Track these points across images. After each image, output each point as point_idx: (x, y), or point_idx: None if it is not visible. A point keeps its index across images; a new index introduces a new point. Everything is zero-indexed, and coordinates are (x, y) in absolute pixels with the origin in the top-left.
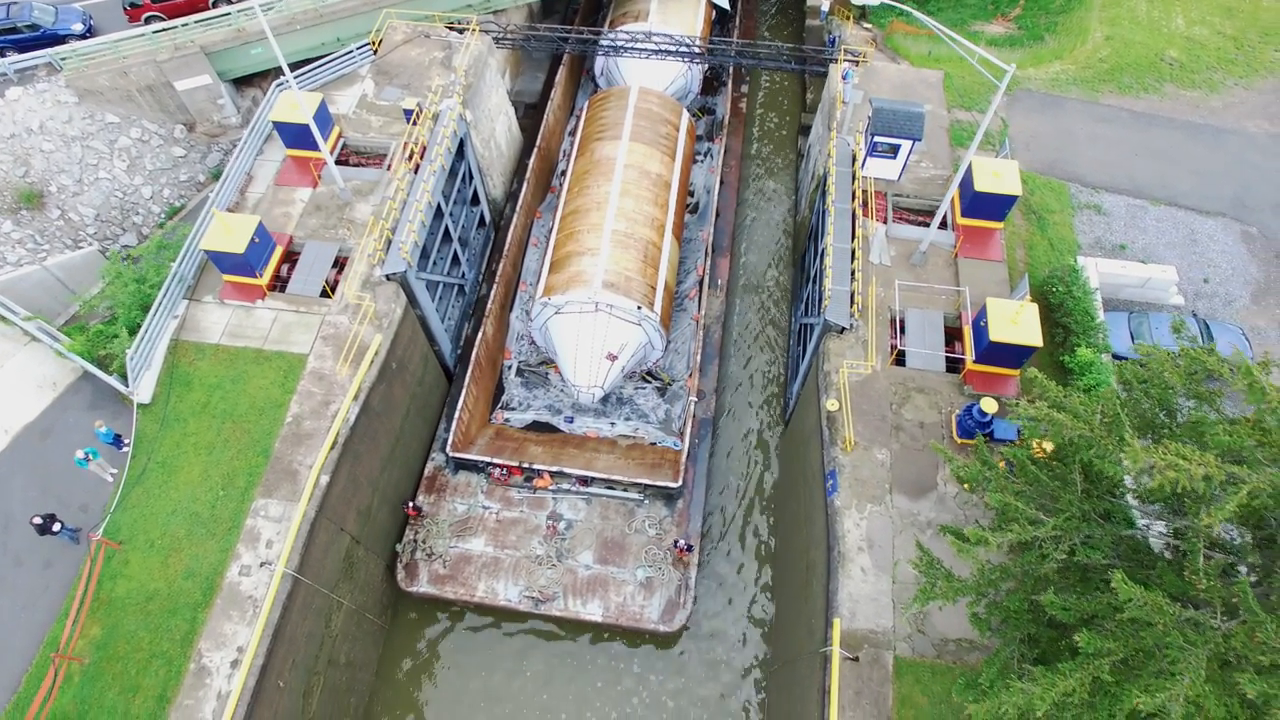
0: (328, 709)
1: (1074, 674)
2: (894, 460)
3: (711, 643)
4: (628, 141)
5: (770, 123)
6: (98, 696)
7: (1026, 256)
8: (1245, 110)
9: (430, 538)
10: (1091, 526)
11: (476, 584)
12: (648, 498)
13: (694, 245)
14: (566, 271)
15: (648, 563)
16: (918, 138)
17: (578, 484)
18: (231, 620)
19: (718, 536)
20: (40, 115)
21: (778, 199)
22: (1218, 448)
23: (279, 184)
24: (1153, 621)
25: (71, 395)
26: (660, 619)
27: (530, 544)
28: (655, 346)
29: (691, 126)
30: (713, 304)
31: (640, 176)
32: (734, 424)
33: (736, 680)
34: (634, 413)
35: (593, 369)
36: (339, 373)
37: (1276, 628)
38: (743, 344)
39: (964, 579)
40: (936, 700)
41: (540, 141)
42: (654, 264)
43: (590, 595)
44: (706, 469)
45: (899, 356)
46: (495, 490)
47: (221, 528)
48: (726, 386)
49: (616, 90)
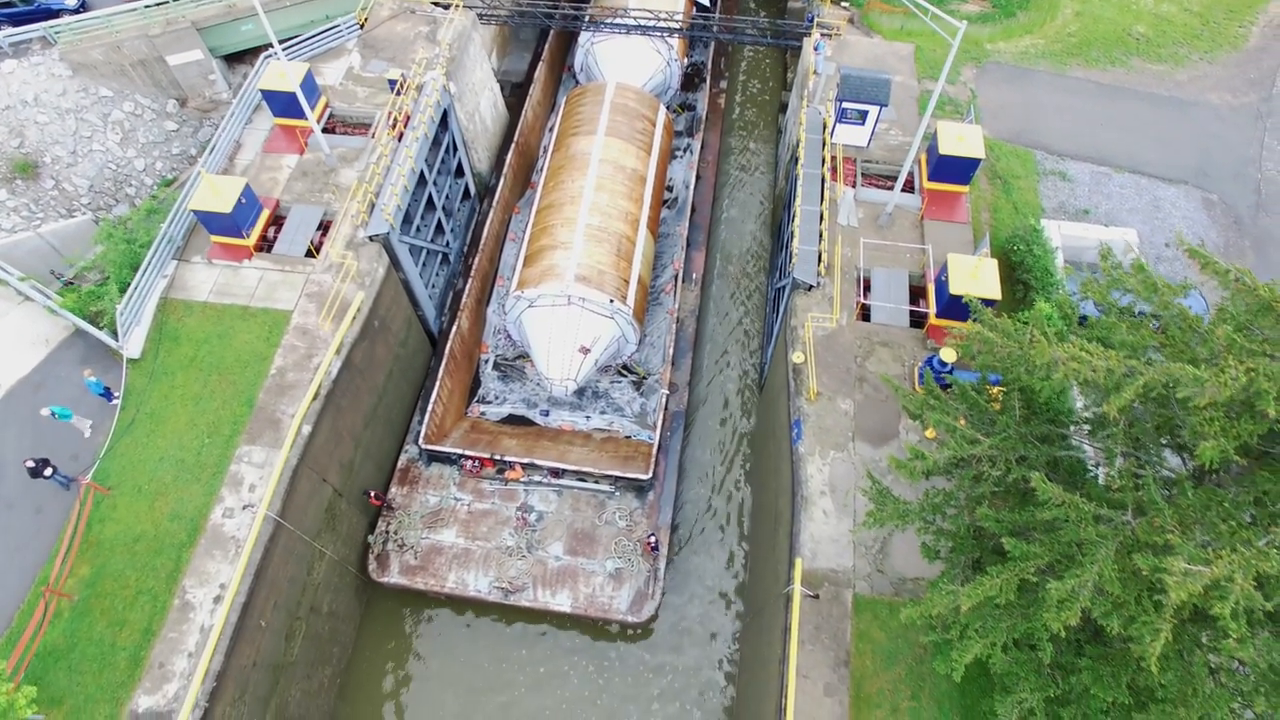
0: (310, 654)
1: (1000, 575)
2: (857, 410)
3: (684, 621)
4: (603, 137)
5: (750, 115)
6: (86, 630)
7: (991, 219)
8: (1209, 83)
9: (402, 529)
10: (1027, 447)
11: (447, 575)
12: (619, 490)
13: (671, 240)
14: (540, 265)
15: (617, 554)
16: (884, 103)
17: (549, 476)
18: (214, 559)
19: (691, 522)
20: (35, 88)
21: (757, 191)
22: (1122, 347)
23: (267, 151)
24: (1068, 518)
25: (64, 351)
26: (629, 610)
27: (501, 535)
28: (629, 340)
29: (669, 122)
30: (687, 297)
31: (615, 171)
32: (709, 416)
33: (708, 654)
34: (609, 406)
35: (566, 362)
36: (322, 327)
37: (1172, 513)
38: (718, 337)
39: (910, 502)
40: (893, 635)
41: (519, 137)
42: (628, 258)
43: (560, 586)
44: (679, 461)
45: (865, 313)
46: (467, 482)
47: (206, 473)
48: (701, 379)
49: (593, 86)
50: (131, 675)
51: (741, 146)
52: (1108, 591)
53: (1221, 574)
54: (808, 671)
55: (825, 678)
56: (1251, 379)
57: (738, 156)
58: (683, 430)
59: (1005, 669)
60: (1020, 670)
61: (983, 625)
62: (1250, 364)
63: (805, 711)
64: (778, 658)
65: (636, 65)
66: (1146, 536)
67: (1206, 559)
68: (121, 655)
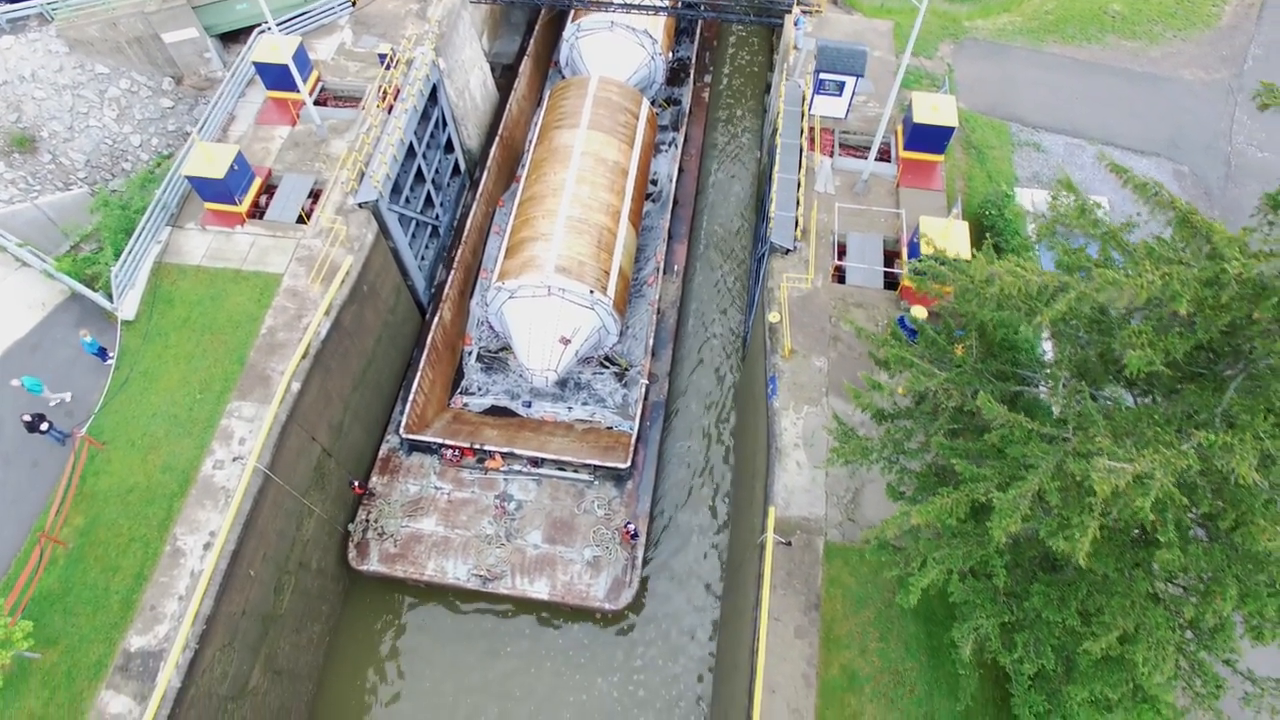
0: (299, 609)
1: (951, 495)
2: (831, 367)
3: (666, 607)
4: (586, 130)
5: (735, 109)
6: (80, 576)
7: (965, 187)
8: (1182, 60)
9: (382, 518)
10: (983, 383)
11: (426, 563)
12: (598, 479)
13: (655, 233)
14: (520, 256)
15: (595, 542)
16: (860, 74)
17: (529, 465)
18: (205, 508)
19: (671, 509)
20: (32, 64)
21: (742, 181)
22: (1059, 267)
23: (259, 123)
24: (1013, 437)
25: (60, 314)
26: (606, 597)
27: (480, 524)
28: (610, 331)
29: (652, 116)
30: (669, 289)
31: (597, 164)
32: (690, 406)
33: (690, 642)
34: (591, 398)
35: (546, 352)
36: (311, 289)
37: (1107, 426)
38: (698, 329)
39: (872, 439)
40: (863, 580)
41: (504, 131)
42: (608, 249)
43: (538, 574)
44: (658, 451)
45: (840, 275)
46: (448, 471)
47: (198, 428)
48: (682, 369)
49: (577, 80)
50: (124, 617)
51: (726, 140)
52: (1049, 503)
53: (1142, 470)
54: (779, 615)
55: (796, 620)
56: (1166, 282)
57: (722, 149)
58: (663, 420)
59: (963, 598)
60: (976, 598)
61: (939, 554)
62: (1165, 270)
63: (776, 652)
64: (752, 605)
65: (621, 59)
66: (1082, 448)
67: (1130, 459)
68: (114, 598)
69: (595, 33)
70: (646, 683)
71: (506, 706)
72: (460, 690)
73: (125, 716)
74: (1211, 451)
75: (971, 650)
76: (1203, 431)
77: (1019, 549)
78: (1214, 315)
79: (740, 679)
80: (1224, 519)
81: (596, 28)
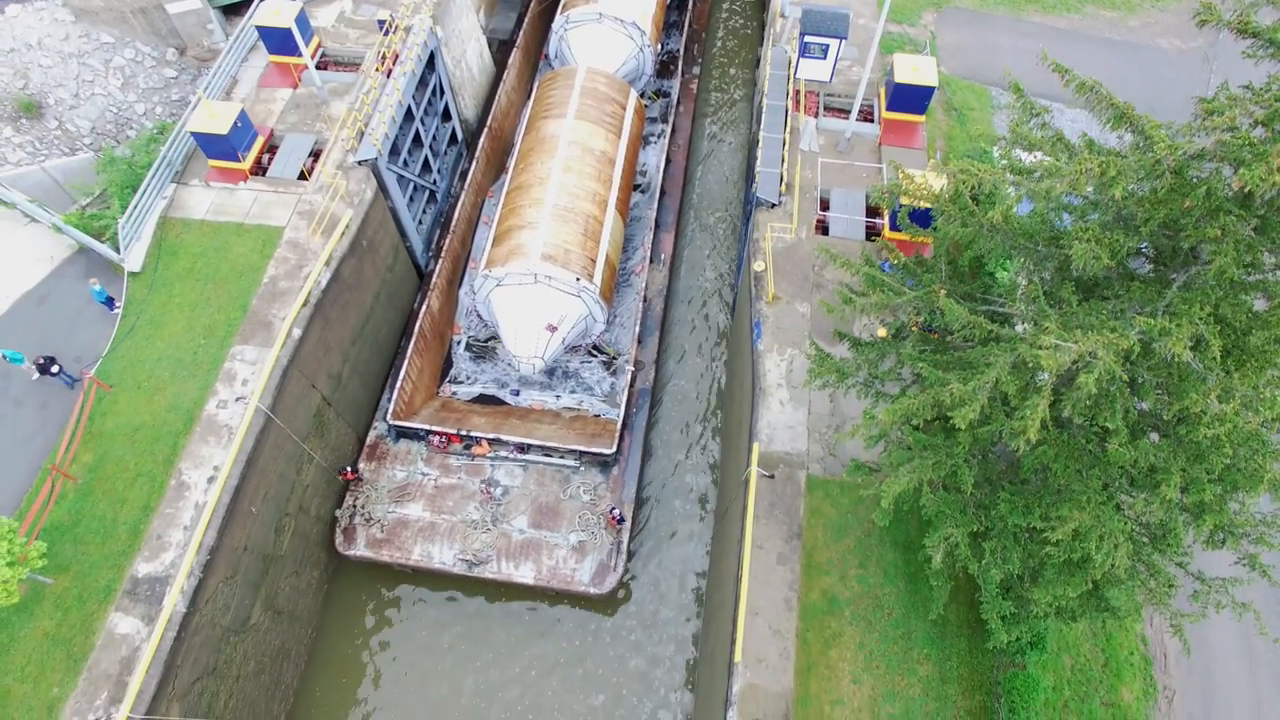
0: (298, 552)
1: (917, 397)
2: (814, 312)
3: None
4: (573, 120)
5: (723, 99)
6: (89, 508)
7: (946, 146)
8: (1159, 29)
9: (369, 503)
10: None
11: (412, 548)
12: (583, 465)
13: (643, 223)
14: (507, 245)
15: (581, 527)
16: (844, 36)
17: (515, 451)
18: (209, 445)
19: (657, 493)
20: (38, 32)
21: (730, 170)
22: (1013, 172)
23: (262, 85)
24: (974, 337)
25: (67, 267)
26: (591, 581)
27: (466, 509)
28: (597, 319)
29: (640, 107)
30: (655, 278)
31: (584, 153)
32: (675, 393)
33: (675, 621)
34: (579, 386)
35: (533, 340)
36: (312, 240)
37: (1058, 318)
38: (686, 318)
39: (846, 359)
40: (844, 511)
41: (492, 122)
42: (595, 238)
43: (523, 558)
44: (644, 437)
45: (823, 228)
46: (435, 458)
47: (202, 370)
48: (668, 357)
49: (565, 70)
50: (131, 545)
51: (715, 130)
52: (1010, 405)
53: (1085, 349)
54: (762, 543)
55: (778, 548)
56: (1104, 169)
57: (710, 140)
58: (648, 407)
59: (934, 509)
60: (947, 509)
61: (911, 465)
62: (1103, 159)
63: (760, 578)
64: (738, 538)
65: (609, 51)
66: (1035, 340)
67: (1075, 341)
68: (122, 529)
69: (583, 24)
70: (632, 662)
71: (500, 692)
72: (452, 672)
73: (134, 636)
74: (1151, 335)
75: (943, 558)
76: (1143, 317)
77: (986, 464)
78: (1153, 209)
79: (726, 608)
80: (1168, 411)
81: (585, 19)
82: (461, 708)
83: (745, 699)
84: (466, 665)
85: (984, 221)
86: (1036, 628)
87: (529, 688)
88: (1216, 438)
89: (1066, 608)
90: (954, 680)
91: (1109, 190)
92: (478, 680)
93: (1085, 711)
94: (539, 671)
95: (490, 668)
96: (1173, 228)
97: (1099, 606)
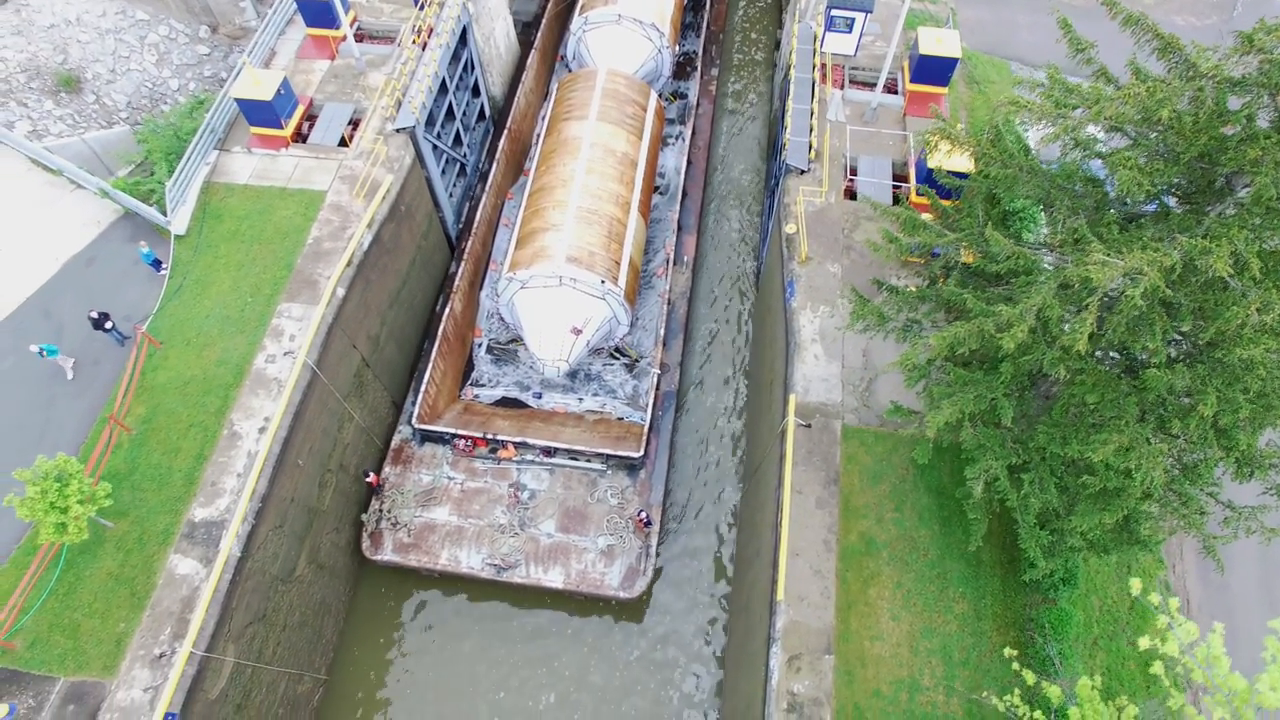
0: (338, 509)
1: (964, 327)
2: (845, 273)
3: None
4: (595, 121)
5: (741, 103)
6: (145, 457)
7: (968, 118)
8: (1174, 6)
9: (395, 508)
10: (988, 243)
11: (440, 552)
12: (610, 468)
13: (664, 225)
14: (531, 247)
15: (609, 531)
16: (869, 9)
17: (541, 455)
18: (259, 397)
19: (684, 498)
20: (77, 8)
21: (749, 171)
22: (1052, 103)
23: (300, 57)
24: (1018, 269)
25: (113, 230)
26: (620, 586)
27: (494, 513)
28: (621, 322)
29: (660, 108)
30: (678, 280)
31: (606, 155)
32: (701, 394)
33: (706, 623)
34: (602, 389)
35: (558, 343)
36: (355, 203)
37: (1101, 246)
38: (709, 319)
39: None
40: (879, 459)
41: (511, 124)
42: (619, 240)
43: (551, 563)
44: (670, 440)
45: (851, 193)
46: (460, 461)
47: (250, 326)
48: (692, 360)
49: (585, 72)
50: (187, 492)
51: (735, 129)
52: (1052, 333)
53: (1132, 266)
54: (801, 488)
55: (816, 493)
56: (1151, 92)
57: (731, 138)
58: (674, 410)
59: (975, 443)
60: (987, 442)
61: (953, 399)
62: (1150, 86)
63: (799, 521)
64: (775, 486)
65: (628, 52)
66: (1077, 268)
67: (1122, 257)
68: (177, 476)
69: (602, 26)
70: (661, 668)
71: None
72: (478, 674)
73: (193, 577)
74: (1193, 254)
75: (982, 490)
76: (1184, 237)
77: (1024, 401)
78: (1194, 137)
79: (765, 554)
80: (1204, 334)
81: (604, 21)
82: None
83: (789, 634)
84: (496, 670)
85: (1024, 164)
86: (1070, 561)
87: (565, 695)
88: (1251, 359)
89: (1099, 540)
90: (989, 617)
91: (1157, 111)
92: (509, 685)
93: (1114, 650)
94: (572, 673)
95: (522, 668)
96: (1210, 159)
97: (1129, 539)
